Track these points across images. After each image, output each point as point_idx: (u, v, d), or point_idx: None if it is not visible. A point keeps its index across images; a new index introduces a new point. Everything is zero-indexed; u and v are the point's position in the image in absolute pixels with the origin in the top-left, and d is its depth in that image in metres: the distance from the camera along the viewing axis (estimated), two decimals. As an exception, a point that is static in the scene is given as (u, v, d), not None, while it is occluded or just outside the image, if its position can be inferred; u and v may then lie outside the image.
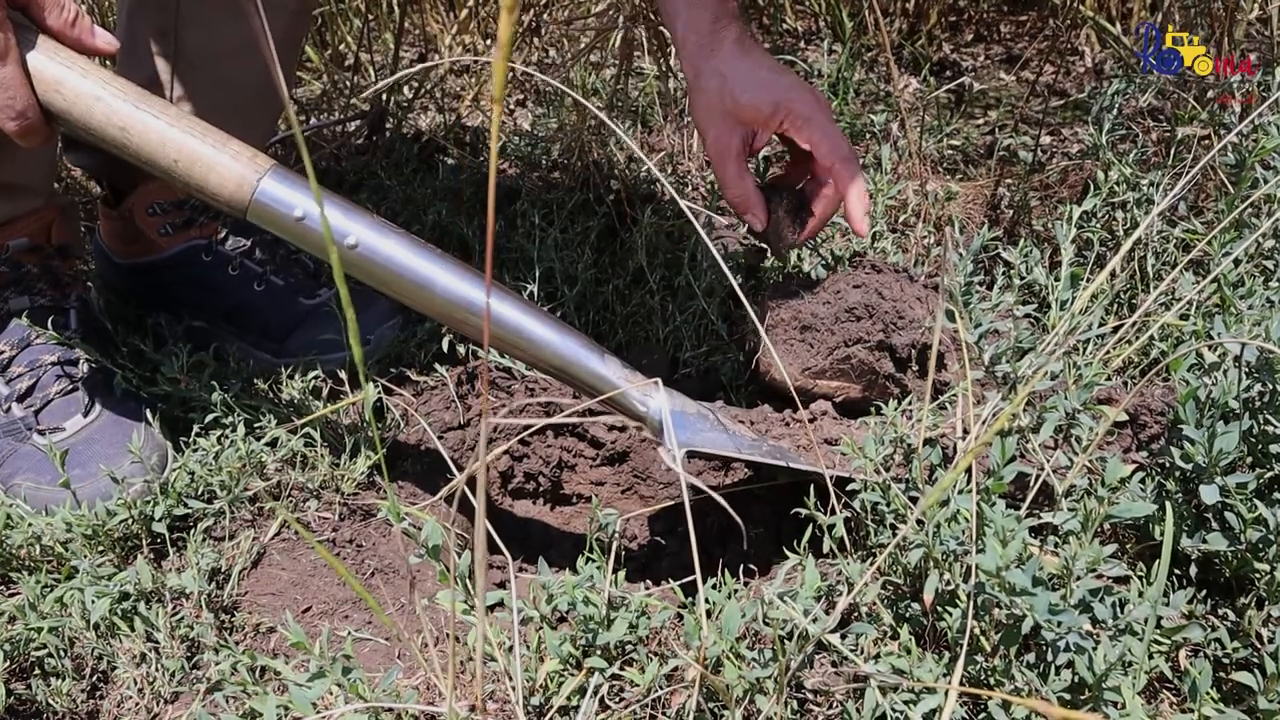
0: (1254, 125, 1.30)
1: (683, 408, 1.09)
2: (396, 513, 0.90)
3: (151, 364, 1.32)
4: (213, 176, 1.00)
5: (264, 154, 1.03)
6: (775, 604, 0.81)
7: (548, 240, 1.50)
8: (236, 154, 1.01)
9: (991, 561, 0.75)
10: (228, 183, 1.00)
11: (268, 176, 1.01)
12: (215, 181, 1.00)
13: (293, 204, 1.01)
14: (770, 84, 1.16)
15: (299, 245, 1.04)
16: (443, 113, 2.05)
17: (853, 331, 1.17)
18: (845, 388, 1.20)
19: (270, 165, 1.02)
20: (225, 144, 1.01)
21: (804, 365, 1.19)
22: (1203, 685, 0.80)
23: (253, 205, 1.01)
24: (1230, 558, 0.92)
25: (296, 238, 1.02)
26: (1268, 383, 0.91)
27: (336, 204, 1.04)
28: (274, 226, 1.02)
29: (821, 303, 1.19)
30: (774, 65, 1.19)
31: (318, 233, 1.02)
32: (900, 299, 1.18)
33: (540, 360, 1.06)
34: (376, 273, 1.03)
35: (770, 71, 1.17)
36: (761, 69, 1.17)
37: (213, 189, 1.00)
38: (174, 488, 1.14)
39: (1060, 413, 0.95)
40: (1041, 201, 1.74)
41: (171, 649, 1.00)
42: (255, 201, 1.01)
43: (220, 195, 1.01)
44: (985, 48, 2.69)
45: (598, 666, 0.84)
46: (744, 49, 1.17)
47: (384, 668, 0.97)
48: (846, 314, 1.18)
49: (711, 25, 1.17)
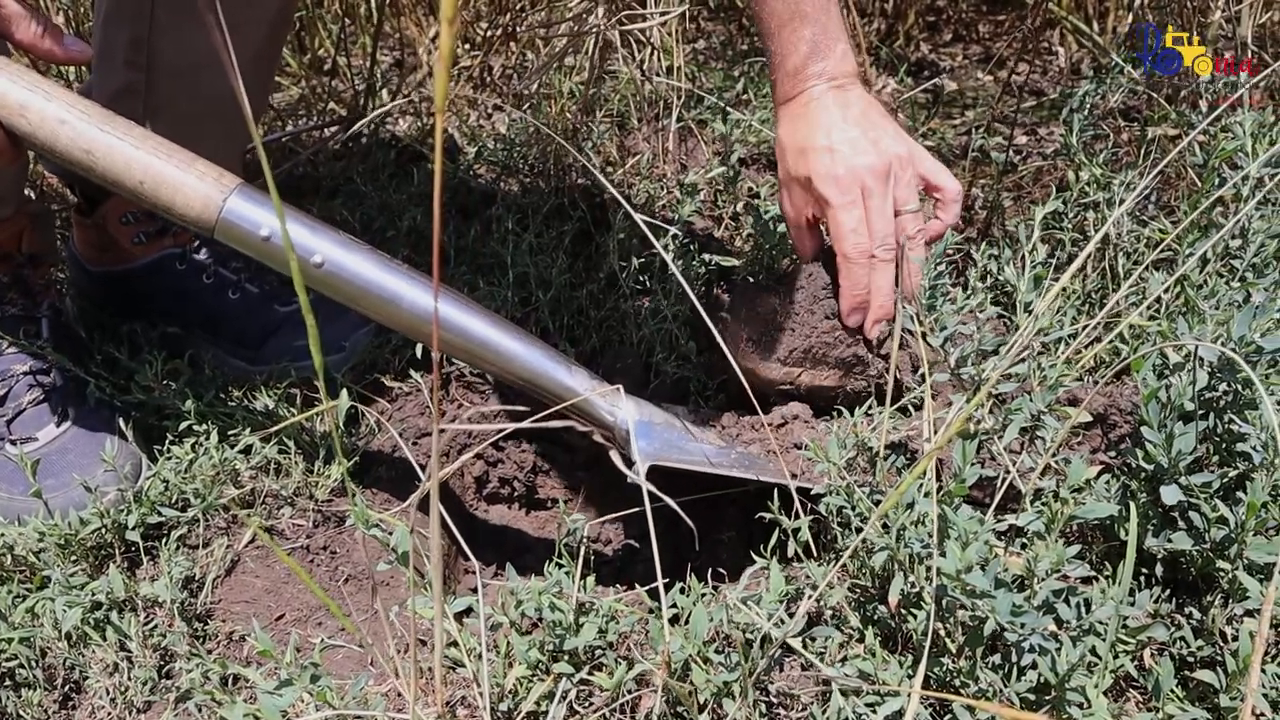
0: (1222, 125, 1.31)
1: (649, 417, 1.10)
2: (364, 519, 0.91)
3: (126, 372, 1.32)
4: (179, 197, 1.00)
5: (231, 173, 1.03)
6: (738, 608, 0.82)
7: (522, 245, 1.50)
8: (202, 174, 1.01)
9: (952, 564, 0.76)
10: (194, 203, 1.00)
11: (233, 195, 1.01)
12: (181, 202, 1.00)
13: (259, 223, 1.01)
14: (810, 155, 1.14)
15: (267, 264, 1.04)
16: (420, 118, 2.05)
17: (828, 309, 1.18)
18: (820, 375, 1.20)
19: (236, 184, 1.02)
20: (191, 164, 1.01)
21: (779, 356, 1.19)
22: (1166, 684, 0.81)
23: (219, 225, 1.01)
24: (1195, 557, 0.93)
25: (264, 256, 1.03)
26: (1230, 383, 0.92)
27: (303, 222, 1.04)
28: (241, 245, 1.03)
29: (796, 288, 1.21)
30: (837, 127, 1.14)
31: (285, 251, 1.02)
32: None
33: (508, 372, 1.07)
34: (344, 290, 1.04)
35: (824, 136, 1.14)
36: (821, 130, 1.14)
37: (179, 210, 1.01)
38: (148, 496, 1.14)
39: (1025, 414, 0.96)
40: (1015, 202, 1.74)
41: (144, 658, 1.00)
42: (222, 221, 1.01)
43: (187, 215, 1.01)
44: (964, 48, 2.70)
45: (565, 672, 0.84)
46: (819, 104, 1.15)
47: (357, 675, 0.98)
48: (823, 291, 1.19)
49: (803, 61, 1.15)
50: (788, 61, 1.16)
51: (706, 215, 1.73)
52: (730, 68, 2.26)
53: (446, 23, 0.38)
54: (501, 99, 2.05)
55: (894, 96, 2.25)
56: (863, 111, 1.16)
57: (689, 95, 1.93)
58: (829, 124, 1.14)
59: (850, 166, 1.13)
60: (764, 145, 1.94)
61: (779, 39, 1.15)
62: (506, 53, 2.15)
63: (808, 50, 1.14)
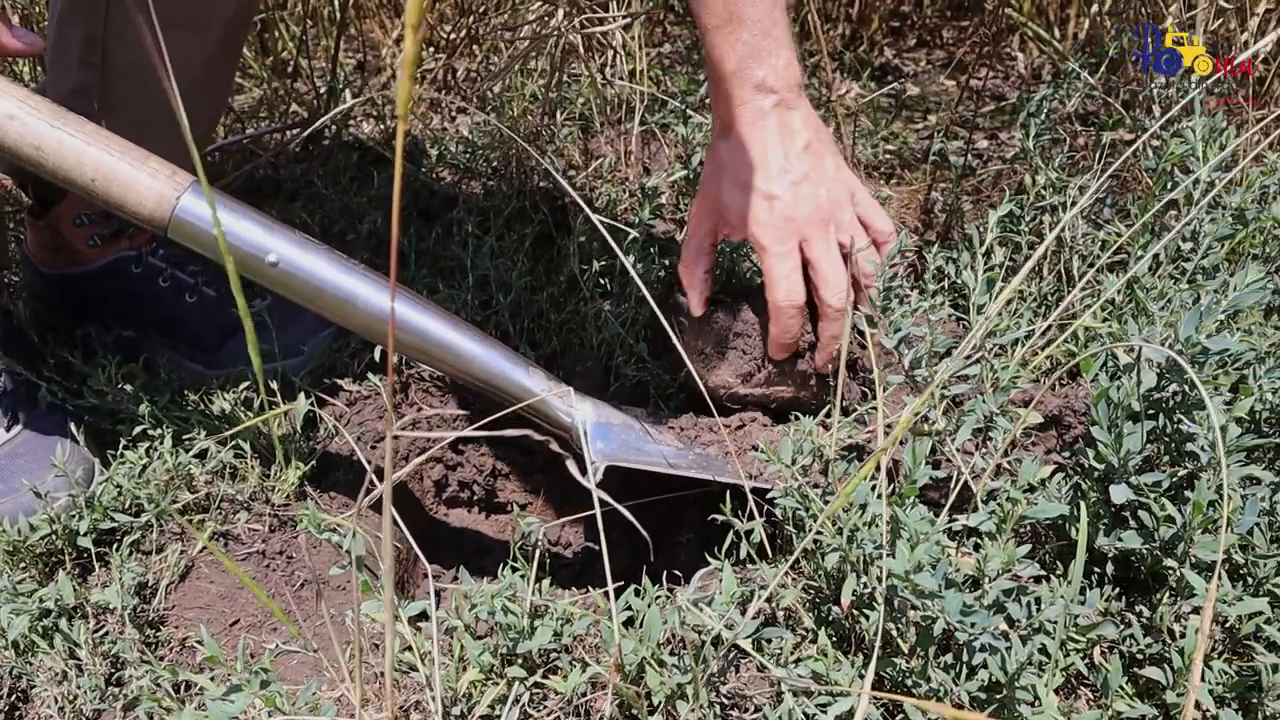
0: (1174, 130, 1.33)
1: (607, 418, 1.10)
2: (316, 524, 0.90)
3: (79, 376, 1.30)
4: (131, 195, 0.99)
5: (185, 170, 1.02)
6: (688, 610, 0.82)
7: (483, 247, 1.50)
8: (155, 171, 1.00)
9: (901, 564, 0.76)
10: (146, 201, 0.99)
11: (187, 193, 1.00)
12: (134, 200, 0.99)
13: (212, 221, 1.00)
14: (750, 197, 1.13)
15: (221, 263, 1.03)
16: (383, 120, 2.04)
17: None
18: (780, 391, 1.21)
19: (190, 182, 1.01)
20: (144, 161, 1.00)
21: (737, 371, 1.20)
22: (1115, 681, 0.82)
23: (173, 222, 1.00)
24: (1145, 555, 0.94)
25: (218, 254, 1.01)
26: (1179, 383, 0.93)
27: (257, 220, 1.03)
28: (195, 244, 1.02)
29: (751, 308, 1.20)
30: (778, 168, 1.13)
31: (239, 249, 1.01)
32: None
33: (466, 374, 1.07)
34: (300, 289, 1.03)
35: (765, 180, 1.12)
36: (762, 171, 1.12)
37: (132, 207, 1.00)
38: (100, 502, 1.12)
39: (978, 415, 0.97)
40: (974, 205, 1.76)
41: (93, 666, 0.98)
42: (175, 219, 1.00)
43: (140, 213, 1.00)
44: (927, 53, 2.72)
45: (518, 675, 0.84)
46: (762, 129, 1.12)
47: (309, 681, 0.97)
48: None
49: (738, 65, 1.11)
50: (724, 65, 1.12)
51: (668, 218, 1.73)
52: (695, 72, 2.26)
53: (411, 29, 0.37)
54: (465, 102, 2.05)
55: (857, 100, 2.27)
56: (807, 143, 1.14)
57: (652, 99, 1.93)
58: (772, 162, 1.12)
59: (789, 217, 1.12)
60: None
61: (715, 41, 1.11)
62: (470, 55, 2.15)
63: (745, 53, 1.11)
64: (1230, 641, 0.90)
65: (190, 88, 1.30)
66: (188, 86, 1.29)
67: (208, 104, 1.39)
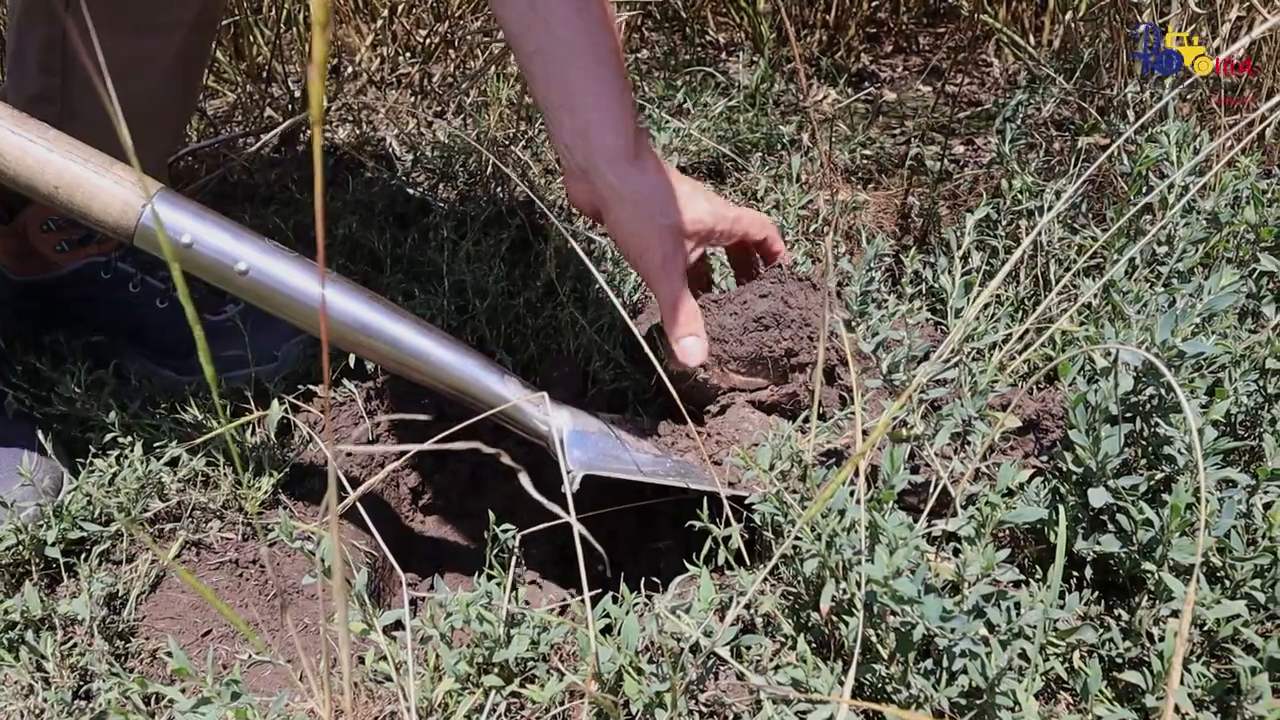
0: (1148, 135, 1.34)
1: (584, 426, 1.09)
2: (288, 532, 0.89)
3: (47, 383, 1.28)
4: (95, 203, 0.97)
5: (153, 178, 1.01)
6: (665, 618, 0.81)
7: (459, 253, 1.49)
8: (120, 179, 0.98)
9: (880, 570, 0.76)
10: (111, 209, 0.98)
11: (154, 201, 0.99)
12: (98, 208, 0.97)
13: (180, 229, 0.98)
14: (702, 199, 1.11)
15: (191, 272, 1.00)
16: (358, 125, 2.03)
17: (763, 340, 1.18)
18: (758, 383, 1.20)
19: (157, 189, 0.99)
20: (108, 168, 0.98)
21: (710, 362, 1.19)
22: (1094, 685, 0.82)
23: (139, 231, 0.98)
24: (1123, 559, 0.94)
25: (186, 264, 0.99)
26: (1155, 387, 0.94)
27: (225, 228, 1.01)
28: (163, 254, 1.00)
29: (729, 314, 1.20)
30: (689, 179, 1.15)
31: (208, 258, 0.99)
32: (806, 307, 1.19)
33: (440, 382, 1.05)
34: (270, 297, 1.01)
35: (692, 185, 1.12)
36: (685, 183, 1.11)
37: (96, 215, 0.98)
38: (69, 511, 1.11)
39: (956, 419, 0.96)
40: (951, 210, 1.76)
41: (61, 679, 0.96)
42: (141, 227, 0.98)
43: (104, 222, 0.98)
44: (904, 59, 2.73)
45: (494, 685, 0.83)
46: (662, 160, 1.12)
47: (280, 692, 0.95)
48: (755, 323, 1.18)
49: (631, 131, 1.06)
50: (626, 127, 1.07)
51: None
52: (673, 77, 2.26)
53: (318, 26, 0.36)
54: (442, 107, 2.04)
55: (833, 106, 2.27)
56: None
57: (630, 104, 1.92)
58: None
59: None
60: (703, 154, 1.94)
61: None
62: (446, 60, 2.14)
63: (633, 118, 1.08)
64: (1208, 644, 0.90)
65: (155, 92, 1.28)
66: (153, 90, 1.28)
67: (174, 108, 1.37)
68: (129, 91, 1.23)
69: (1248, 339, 1.09)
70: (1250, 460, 1.05)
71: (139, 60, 1.24)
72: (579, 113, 1.04)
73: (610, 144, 1.05)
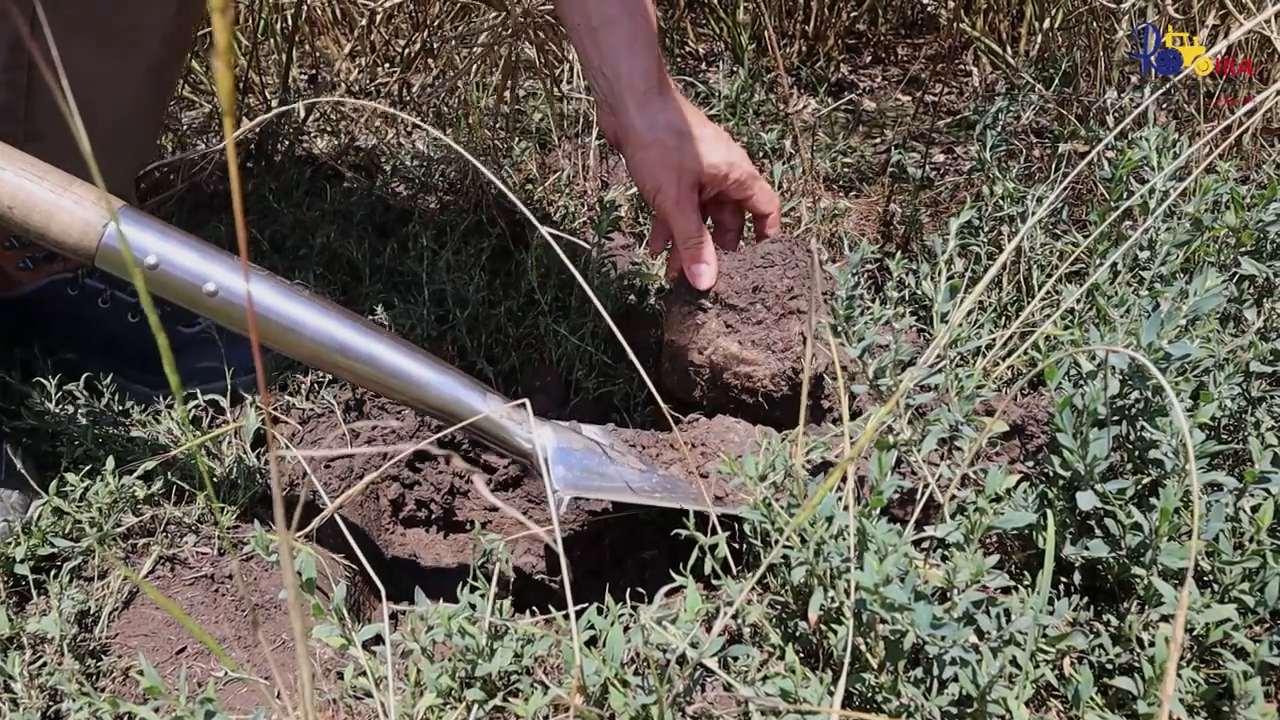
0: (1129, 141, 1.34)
1: (568, 443, 1.07)
2: (264, 545, 0.87)
3: (18, 396, 1.25)
4: (54, 224, 0.93)
5: (117, 196, 0.97)
6: (651, 629, 0.80)
7: (439, 262, 1.47)
8: (80, 198, 0.94)
9: (869, 577, 0.74)
10: (71, 230, 0.93)
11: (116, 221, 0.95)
12: (57, 229, 0.93)
13: (145, 249, 0.95)
14: (722, 146, 1.19)
15: (157, 293, 0.96)
16: (336, 135, 2.01)
17: (765, 276, 1.20)
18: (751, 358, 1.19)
19: (119, 208, 0.96)
20: (67, 187, 0.94)
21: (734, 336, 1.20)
22: (1085, 692, 0.81)
23: (100, 252, 0.94)
24: (1112, 564, 0.93)
25: (152, 285, 0.95)
26: (1141, 390, 0.93)
27: (193, 247, 0.97)
28: (127, 275, 0.97)
29: (736, 257, 1.22)
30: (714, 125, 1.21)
31: (175, 278, 0.96)
32: (808, 262, 1.20)
33: (420, 401, 1.03)
34: (241, 318, 0.98)
35: (715, 131, 1.19)
36: (709, 128, 1.19)
37: (55, 236, 0.94)
38: (38, 527, 1.08)
39: (943, 425, 0.96)
40: (932, 217, 1.76)
41: (29, 699, 0.94)
42: (103, 248, 0.94)
43: (65, 243, 0.94)
44: (883, 69, 2.74)
45: (477, 699, 0.81)
46: (689, 105, 1.18)
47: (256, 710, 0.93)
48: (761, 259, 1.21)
49: (659, 75, 1.16)
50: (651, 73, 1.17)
51: (627, 232, 1.71)
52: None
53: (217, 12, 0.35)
54: (421, 116, 2.02)
55: (814, 115, 2.27)
56: None
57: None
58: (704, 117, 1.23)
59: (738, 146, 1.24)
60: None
61: None
62: (425, 69, 2.12)
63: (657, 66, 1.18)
64: (1198, 649, 0.89)
65: (124, 104, 1.25)
66: (120, 104, 1.25)
67: (144, 125, 1.35)
68: (100, 103, 1.21)
69: (1230, 342, 1.09)
70: (1235, 464, 1.04)
71: (108, 73, 1.21)
72: (608, 49, 1.15)
73: (637, 83, 1.15)
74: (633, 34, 1.15)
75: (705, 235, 1.20)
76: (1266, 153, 1.66)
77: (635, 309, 1.49)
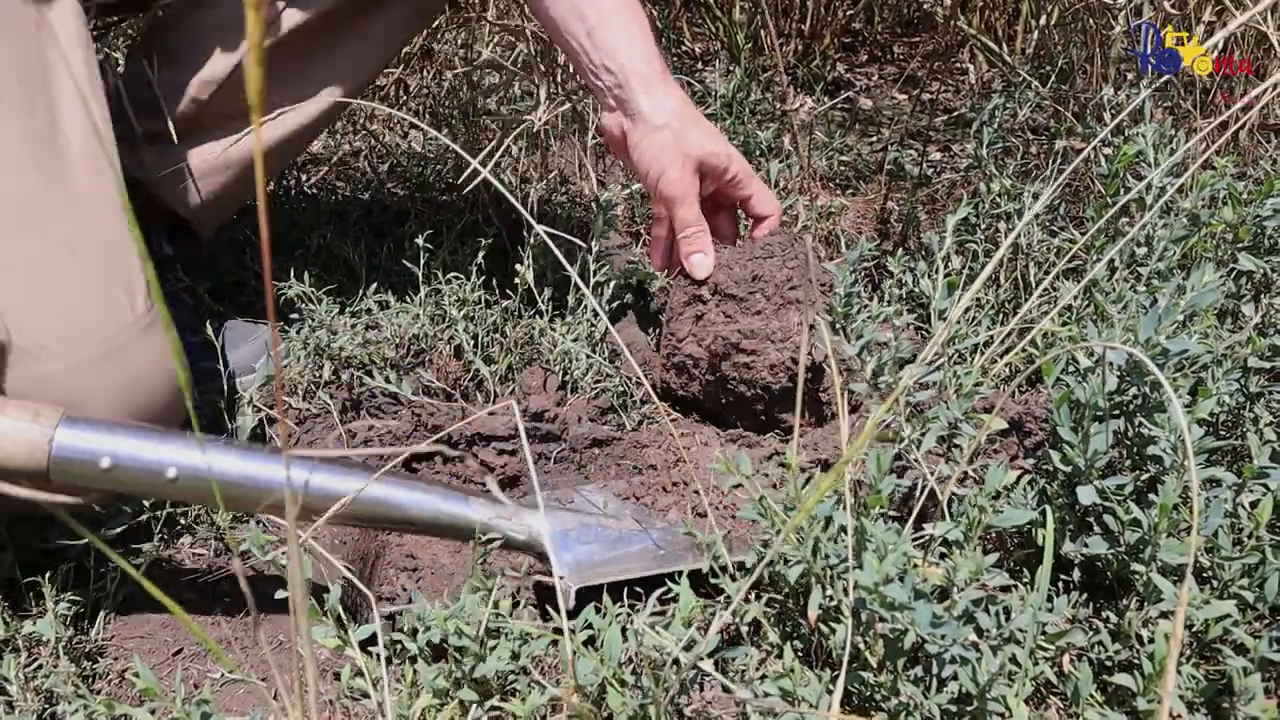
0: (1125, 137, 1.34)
1: (562, 525, 1.05)
2: (259, 545, 0.87)
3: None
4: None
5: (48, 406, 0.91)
6: (647, 630, 0.79)
7: (435, 262, 1.47)
8: (15, 418, 0.88)
9: (869, 576, 0.74)
10: (16, 454, 0.88)
11: (60, 430, 0.89)
12: (2, 459, 0.87)
13: (97, 452, 0.89)
14: (721, 139, 1.21)
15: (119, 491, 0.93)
16: (333, 135, 2.01)
17: (765, 265, 1.20)
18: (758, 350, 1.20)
19: (59, 416, 0.90)
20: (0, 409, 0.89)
21: None
22: (1084, 689, 0.81)
23: (53, 467, 0.88)
24: (1111, 560, 0.93)
25: (115, 485, 0.91)
26: (1139, 385, 0.93)
27: (146, 437, 0.92)
28: (85, 482, 0.90)
29: (736, 249, 1.23)
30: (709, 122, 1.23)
31: (134, 472, 0.90)
32: (808, 256, 1.21)
33: (404, 524, 0.99)
34: (205, 495, 0.95)
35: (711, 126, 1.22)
36: (706, 121, 1.21)
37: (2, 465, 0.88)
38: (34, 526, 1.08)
39: (943, 422, 0.95)
40: (929, 215, 1.76)
41: (25, 702, 0.93)
42: (54, 462, 0.88)
43: (10, 468, 0.88)
44: (879, 68, 2.74)
45: (473, 699, 0.81)
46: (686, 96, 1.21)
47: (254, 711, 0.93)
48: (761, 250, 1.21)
49: (660, 60, 1.19)
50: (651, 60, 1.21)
51: (624, 231, 1.71)
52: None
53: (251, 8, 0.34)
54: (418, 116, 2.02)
55: (811, 114, 2.27)
56: None
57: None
58: None
59: None
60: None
61: None
62: (424, 70, 2.12)
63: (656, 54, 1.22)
64: (1198, 645, 0.89)
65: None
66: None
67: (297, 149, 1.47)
68: None
69: (1228, 338, 1.09)
70: (1234, 460, 1.04)
71: None
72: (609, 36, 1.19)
73: (640, 68, 1.19)
74: (629, 23, 1.19)
75: (704, 225, 1.21)
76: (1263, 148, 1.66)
77: (632, 308, 1.48)
